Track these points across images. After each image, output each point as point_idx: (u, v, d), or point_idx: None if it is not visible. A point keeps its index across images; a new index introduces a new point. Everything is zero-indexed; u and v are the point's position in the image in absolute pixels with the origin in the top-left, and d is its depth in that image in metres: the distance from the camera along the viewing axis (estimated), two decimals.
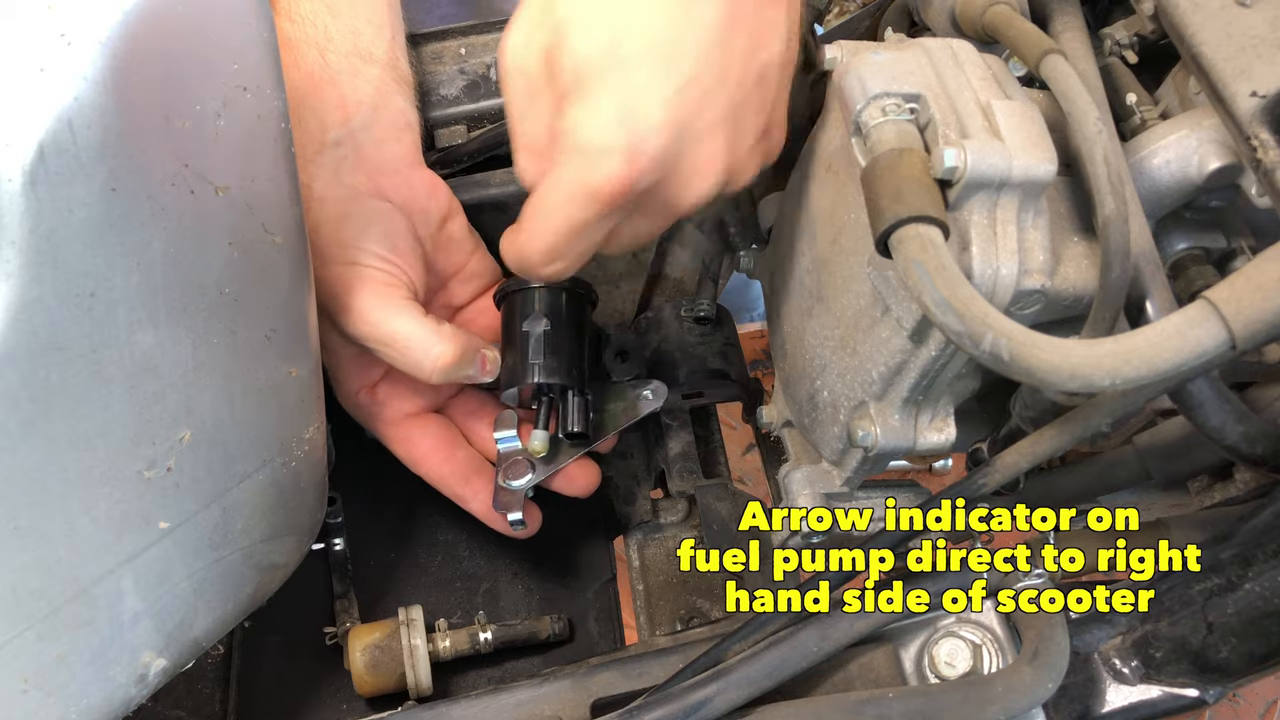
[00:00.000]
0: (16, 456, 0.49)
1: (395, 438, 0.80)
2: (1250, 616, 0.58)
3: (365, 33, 0.77)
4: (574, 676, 0.67)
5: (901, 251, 0.48)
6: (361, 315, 0.72)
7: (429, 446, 0.80)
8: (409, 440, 0.80)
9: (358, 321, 0.72)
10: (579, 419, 0.78)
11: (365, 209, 0.75)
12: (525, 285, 0.78)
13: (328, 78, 0.75)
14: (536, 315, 0.77)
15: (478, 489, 0.80)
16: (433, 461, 0.80)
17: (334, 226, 0.73)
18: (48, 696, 0.57)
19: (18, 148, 0.43)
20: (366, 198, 0.75)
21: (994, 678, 0.60)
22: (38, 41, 0.43)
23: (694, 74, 0.58)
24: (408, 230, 0.76)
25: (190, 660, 0.65)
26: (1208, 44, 0.53)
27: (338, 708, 0.83)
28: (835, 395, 0.65)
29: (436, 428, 0.81)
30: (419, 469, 0.81)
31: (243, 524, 0.64)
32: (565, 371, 0.77)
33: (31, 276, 0.45)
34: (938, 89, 0.53)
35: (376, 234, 0.74)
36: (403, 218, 0.76)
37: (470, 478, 0.80)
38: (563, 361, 0.77)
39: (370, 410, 0.80)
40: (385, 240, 0.74)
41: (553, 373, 0.76)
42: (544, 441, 0.78)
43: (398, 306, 0.72)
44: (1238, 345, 0.44)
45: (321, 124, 0.74)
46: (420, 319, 0.73)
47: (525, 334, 0.77)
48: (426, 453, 0.80)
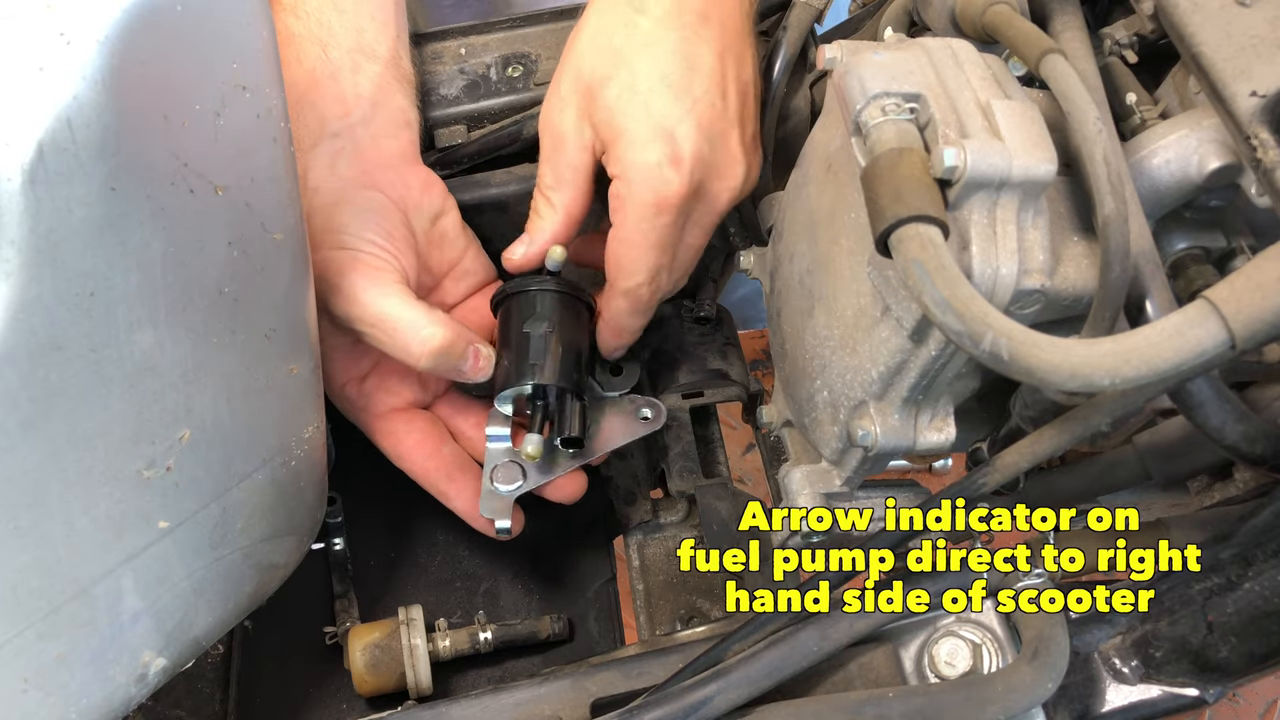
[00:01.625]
0: (16, 456, 0.49)
1: (380, 431, 0.80)
2: (1250, 616, 0.58)
3: (369, 30, 0.77)
4: (574, 676, 0.67)
5: (901, 251, 0.48)
6: (351, 296, 0.71)
7: (413, 442, 0.80)
8: (394, 435, 0.80)
9: (347, 302, 0.71)
10: (577, 424, 0.78)
11: (359, 197, 0.75)
12: (526, 287, 0.77)
13: (329, 73, 0.75)
14: (539, 317, 0.76)
15: (461, 486, 0.80)
16: (416, 456, 0.80)
17: (326, 214, 0.73)
18: (48, 696, 0.57)
19: (17, 147, 0.43)
20: (360, 188, 0.75)
21: (994, 677, 0.60)
22: (37, 41, 0.43)
23: (702, 92, 0.72)
24: (401, 222, 0.76)
25: (190, 660, 0.65)
26: (1208, 44, 0.53)
27: (338, 708, 0.83)
28: (835, 395, 0.65)
29: (423, 423, 0.81)
30: (403, 464, 0.80)
31: (243, 523, 0.64)
32: (565, 375, 0.76)
33: (31, 276, 0.45)
34: (938, 89, 0.53)
35: (370, 220, 0.74)
36: (396, 210, 0.76)
37: (454, 475, 0.80)
38: (563, 365, 0.76)
39: (357, 403, 0.80)
40: (378, 227, 0.74)
41: (553, 375, 0.75)
42: (538, 446, 0.76)
43: (388, 288, 0.72)
44: (1238, 345, 0.44)
45: (321, 118, 0.75)
46: (411, 302, 0.72)
47: (526, 335, 0.76)
48: (410, 448, 0.80)
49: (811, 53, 0.83)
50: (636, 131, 0.70)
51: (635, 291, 0.75)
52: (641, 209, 0.71)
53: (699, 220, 0.75)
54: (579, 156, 0.74)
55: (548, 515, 0.84)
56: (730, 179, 0.74)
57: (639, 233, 0.72)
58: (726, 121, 0.73)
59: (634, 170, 0.71)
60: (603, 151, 0.73)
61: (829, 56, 0.60)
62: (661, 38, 0.72)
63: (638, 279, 0.74)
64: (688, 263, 0.78)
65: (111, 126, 0.45)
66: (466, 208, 0.83)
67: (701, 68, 0.72)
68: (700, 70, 0.72)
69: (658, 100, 0.71)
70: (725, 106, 0.73)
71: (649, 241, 0.72)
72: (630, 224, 0.72)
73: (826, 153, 0.65)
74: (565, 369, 0.76)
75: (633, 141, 0.71)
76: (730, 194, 0.75)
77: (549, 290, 0.77)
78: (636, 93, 0.71)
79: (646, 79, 0.71)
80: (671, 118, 0.70)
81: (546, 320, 0.76)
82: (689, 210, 0.73)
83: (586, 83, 0.73)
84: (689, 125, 0.71)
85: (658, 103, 0.71)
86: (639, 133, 0.70)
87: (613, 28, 0.73)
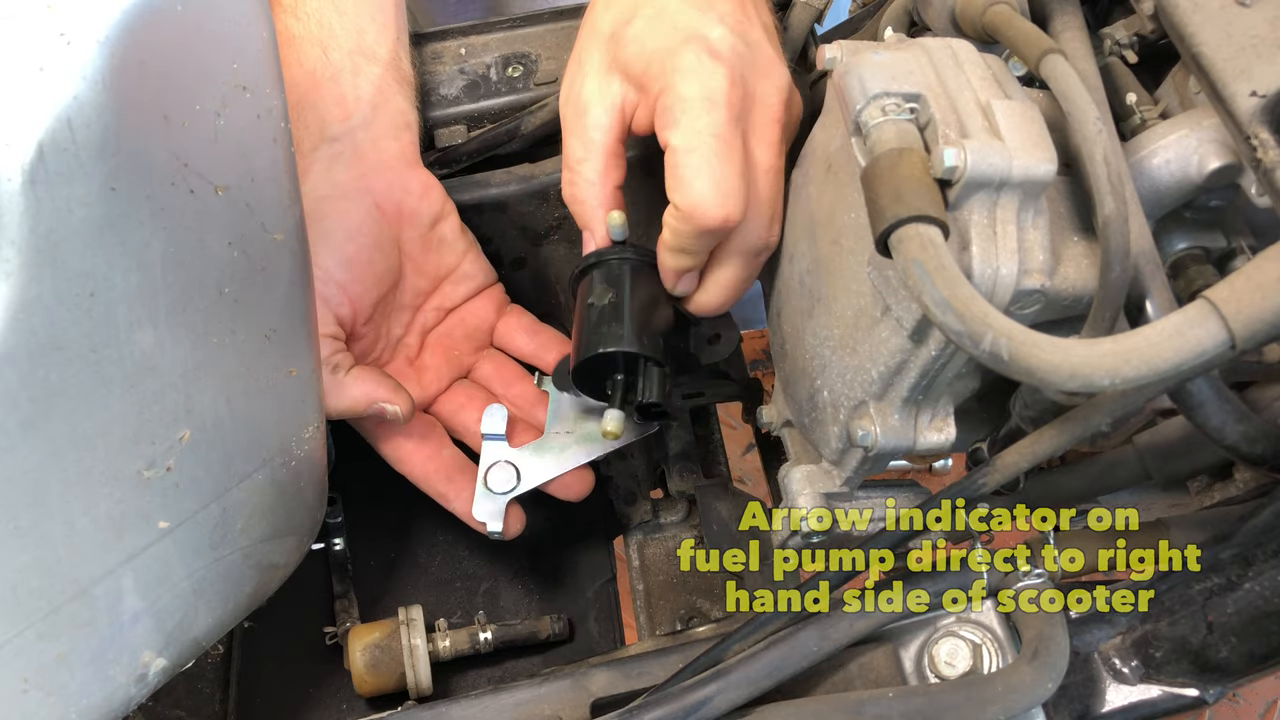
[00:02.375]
0: (16, 456, 0.49)
1: (380, 436, 0.81)
2: (1250, 616, 0.58)
3: (369, 32, 0.77)
4: (574, 676, 0.67)
5: (901, 251, 0.48)
6: None
7: (413, 446, 0.80)
8: (393, 439, 0.80)
9: None
10: (655, 390, 0.71)
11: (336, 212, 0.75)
12: (587, 263, 0.73)
13: (330, 75, 0.75)
14: (604, 287, 0.72)
15: (461, 487, 0.80)
16: (415, 460, 0.80)
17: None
18: (48, 696, 0.57)
19: (17, 147, 0.43)
20: (351, 195, 0.75)
21: (994, 677, 0.60)
22: (37, 41, 0.43)
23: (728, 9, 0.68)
24: (378, 239, 0.76)
25: (190, 660, 0.65)
26: (1208, 44, 0.53)
27: (338, 708, 0.83)
28: (835, 395, 0.65)
29: (422, 427, 0.81)
30: (402, 468, 0.81)
31: (243, 524, 0.64)
32: (634, 340, 0.70)
33: (31, 276, 0.45)
34: (938, 89, 0.53)
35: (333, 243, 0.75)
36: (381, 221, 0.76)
37: (454, 476, 0.80)
38: (630, 330, 0.70)
39: None
40: (339, 252, 0.75)
41: (618, 341, 0.70)
42: (618, 422, 0.71)
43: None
44: (1237, 345, 0.44)
45: (321, 120, 0.75)
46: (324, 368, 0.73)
47: (590, 306, 0.72)
48: (410, 451, 0.80)
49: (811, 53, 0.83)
50: (669, 46, 0.67)
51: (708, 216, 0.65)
52: (693, 107, 0.65)
53: (759, 130, 0.68)
54: (606, 117, 0.70)
55: (548, 515, 0.84)
56: (775, 77, 0.69)
57: (696, 135, 0.65)
58: (756, 30, 0.69)
59: (676, 77, 0.66)
60: (635, 104, 0.70)
61: (829, 56, 0.60)
62: None
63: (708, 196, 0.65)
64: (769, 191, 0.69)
65: (112, 126, 0.45)
66: (466, 208, 0.83)
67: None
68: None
69: (684, 18, 0.67)
70: (752, 22, 0.70)
71: (710, 146, 0.64)
72: (685, 126, 0.65)
73: (826, 153, 0.65)
74: (633, 334, 0.70)
75: (669, 53, 0.67)
76: (780, 94, 0.69)
77: (609, 259, 0.73)
78: (662, 16, 0.68)
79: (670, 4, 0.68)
80: (702, 25, 0.67)
81: (611, 289, 0.72)
82: (743, 114, 0.67)
83: (608, 33, 0.70)
84: (720, 29, 0.67)
85: (683, 18, 0.67)
86: (672, 45, 0.67)
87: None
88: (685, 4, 0.68)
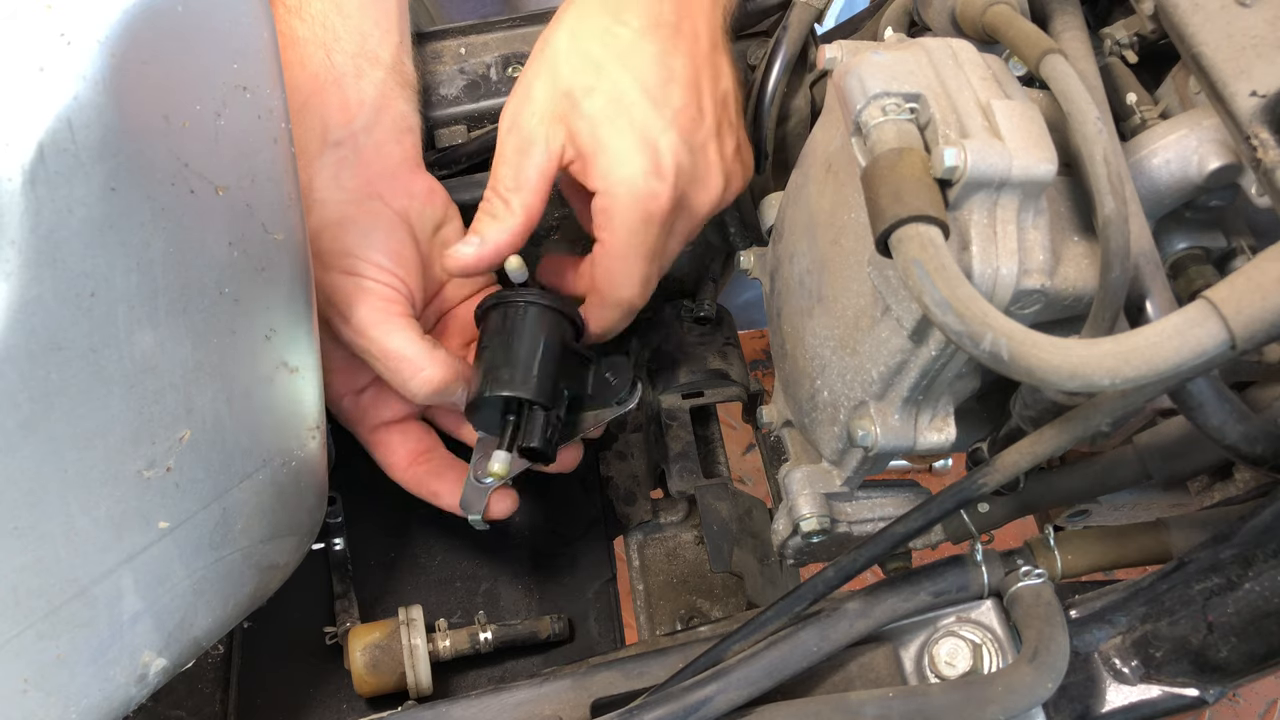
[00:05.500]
0: (16, 456, 0.49)
1: (375, 443, 0.82)
2: (1250, 616, 0.57)
3: (373, 35, 0.77)
4: (574, 676, 0.67)
5: (901, 251, 0.48)
6: (360, 329, 0.73)
7: (405, 453, 0.81)
8: (387, 446, 0.81)
9: (355, 334, 0.73)
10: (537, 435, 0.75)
11: (367, 214, 0.75)
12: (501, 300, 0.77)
13: (332, 78, 0.75)
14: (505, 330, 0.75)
15: (450, 482, 0.80)
16: (405, 465, 0.81)
17: (335, 232, 0.73)
18: (48, 696, 0.57)
19: (17, 147, 0.43)
20: (367, 201, 0.75)
21: (994, 677, 0.60)
22: (37, 41, 0.43)
23: (682, 104, 0.73)
24: (407, 236, 0.77)
25: (190, 660, 0.65)
26: (1208, 44, 0.53)
27: (338, 708, 0.83)
28: (835, 395, 0.65)
29: (416, 434, 0.82)
30: (392, 474, 0.82)
31: (243, 524, 0.64)
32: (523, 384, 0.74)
33: (31, 276, 0.45)
34: (938, 89, 0.53)
35: (378, 242, 0.75)
36: (402, 224, 0.76)
37: (444, 473, 0.81)
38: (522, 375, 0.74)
39: (353, 415, 0.81)
40: (386, 248, 0.75)
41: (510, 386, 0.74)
42: (504, 464, 0.75)
43: (396, 323, 0.73)
44: (1238, 345, 0.44)
45: (324, 124, 0.75)
46: (416, 339, 0.74)
47: (483, 349, 0.76)
48: (401, 458, 0.81)
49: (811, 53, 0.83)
50: (620, 144, 0.71)
51: (630, 302, 0.76)
52: (631, 221, 0.72)
53: (679, 230, 0.76)
54: (546, 162, 0.73)
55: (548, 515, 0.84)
56: (711, 189, 0.75)
57: (629, 245, 0.73)
58: (705, 132, 0.74)
59: (620, 184, 0.71)
60: (571, 161, 0.74)
61: (829, 56, 0.60)
62: (641, 49, 0.72)
63: (631, 290, 0.75)
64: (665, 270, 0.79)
65: (112, 127, 0.45)
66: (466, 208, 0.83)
67: (679, 79, 0.73)
68: (678, 81, 0.73)
69: (639, 112, 0.71)
70: (703, 118, 0.74)
71: (639, 253, 0.73)
72: (620, 237, 0.73)
73: (826, 153, 0.65)
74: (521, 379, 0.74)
75: (617, 154, 0.71)
76: (710, 204, 0.76)
77: (509, 301, 0.76)
78: (620, 105, 0.71)
79: (629, 91, 0.72)
80: (654, 129, 0.71)
81: (505, 333, 0.75)
82: (673, 222, 0.74)
83: (565, 90, 0.72)
84: (670, 136, 0.72)
85: (639, 115, 0.71)
86: (623, 145, 0.71)
87: (590, 34, 0.73)
88: (643, 95, 0.72)
